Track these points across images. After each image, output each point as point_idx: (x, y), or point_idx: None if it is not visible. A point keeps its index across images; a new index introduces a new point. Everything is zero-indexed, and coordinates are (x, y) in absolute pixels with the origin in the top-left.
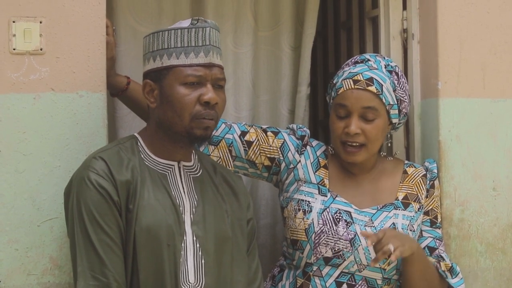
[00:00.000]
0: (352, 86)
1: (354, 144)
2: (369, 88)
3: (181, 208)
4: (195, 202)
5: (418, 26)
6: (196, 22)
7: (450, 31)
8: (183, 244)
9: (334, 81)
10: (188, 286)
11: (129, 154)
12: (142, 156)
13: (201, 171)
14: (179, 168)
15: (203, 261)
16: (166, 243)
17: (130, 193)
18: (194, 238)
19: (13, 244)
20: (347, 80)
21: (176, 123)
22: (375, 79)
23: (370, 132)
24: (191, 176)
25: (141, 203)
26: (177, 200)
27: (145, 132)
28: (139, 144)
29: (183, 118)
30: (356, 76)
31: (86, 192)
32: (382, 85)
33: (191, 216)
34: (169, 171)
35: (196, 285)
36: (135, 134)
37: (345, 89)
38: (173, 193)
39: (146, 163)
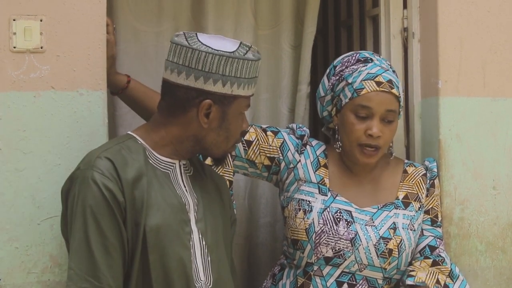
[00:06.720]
0: (377, 88)
1: (373, 146)
2: (393, 90)
3: (186, 206)
4: (196, 200)
5: (419, 24)
6: (247, 49)
7: (451, 30)
8: (191, 243)
9: (349, 81)
10: (200, 284)
11: (133, 153)
12: (146, 153)
13: (192, 169)
14: (180, 166)
15: (209, 258)
16: (175, 242)
17: (137, 193)
18: (200, 236)
19: (13, 242)
20: (369, 81)
21: (221, 147)
22: (394, 81)
23: (388, 135)
24: (187, 174)
25: (149, 203)
26: (182, 199)
27: (146, 131)
28: (139, 142)
29: (229, 143)
30: (377, 78)
31: (89, 192)
32: (399, 87)
33: (195, 214)
34: (171, 170)
35: (207, 283)
36: (131, 133)
37: (368, 90)
38: (177, 191)
39: (150, 161)
